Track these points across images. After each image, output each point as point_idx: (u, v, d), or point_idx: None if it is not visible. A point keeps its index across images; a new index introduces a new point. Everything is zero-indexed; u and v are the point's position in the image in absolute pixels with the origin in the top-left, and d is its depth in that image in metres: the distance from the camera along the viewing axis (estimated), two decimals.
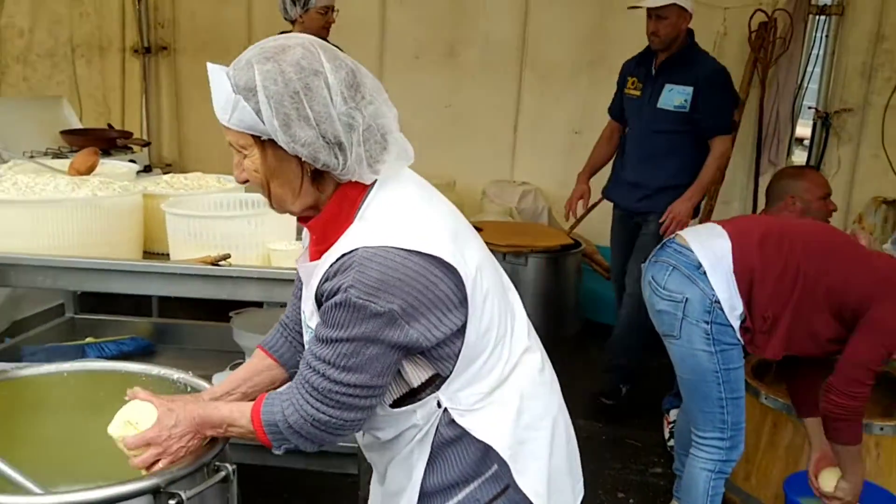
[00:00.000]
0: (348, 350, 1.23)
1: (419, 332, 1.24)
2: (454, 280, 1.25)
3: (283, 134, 1.19)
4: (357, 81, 1.25)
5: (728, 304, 2.25)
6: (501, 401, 1.36)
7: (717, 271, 2.26)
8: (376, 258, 1.20)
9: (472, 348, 1.31)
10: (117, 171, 2.81)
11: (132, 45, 5.52)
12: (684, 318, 2.29)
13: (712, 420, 2.36)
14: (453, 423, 1.33)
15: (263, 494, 2.76)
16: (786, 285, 2.23)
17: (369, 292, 1.19)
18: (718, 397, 2.32)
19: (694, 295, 2.28)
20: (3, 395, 1.69)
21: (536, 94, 5.45)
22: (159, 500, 1.32)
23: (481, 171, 5.44)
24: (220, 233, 2.22)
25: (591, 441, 3.44)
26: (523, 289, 4.30)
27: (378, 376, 1.26)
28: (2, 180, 2.35)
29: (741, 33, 4.92)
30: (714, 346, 2.28)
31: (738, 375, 2.34)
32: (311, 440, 1.31)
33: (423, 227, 1.27)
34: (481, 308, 1.30)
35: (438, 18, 5.46)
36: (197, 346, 2.87)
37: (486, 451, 1.35)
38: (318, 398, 1.27)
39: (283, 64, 1.20)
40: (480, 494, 1.36)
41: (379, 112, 1.27)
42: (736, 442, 2.38)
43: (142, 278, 2.14)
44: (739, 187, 5.13)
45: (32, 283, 2.17)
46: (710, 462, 2.39)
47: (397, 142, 1.31)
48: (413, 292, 1.21)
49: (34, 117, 4.14)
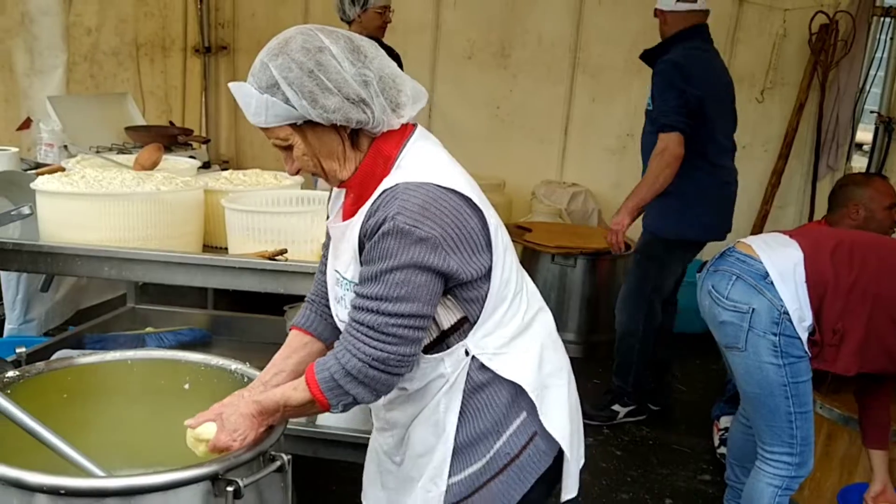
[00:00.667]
0: (400, 278, 1.31)
1: (457, 262, 1.34)
2: (481, 222, 1.38)
3: (314, 108, 1.32)
4: (356, 45, 1.37)
5: (797, 315, 2.19)
6: (524, 347, 1.47)
7: (787, 281, 2.20)
8: (419, 189, 1.33)
9: (497, 294, 1.41)
10: (179, 166, 2.89)
11: (193, 44, 5.65)
12: (750, 330, 2.22)
13: (780, 435, 2.29)
14: (483, 367, 1.43)
15: (313, 486, 2.82)
16: (857, 299, 2.17)
17: (416, 218, 1.30)
18: (787, 411, 2.25)
19: (761, 305, 2.21)
20: (70, 381, 1.76)
21: (588, 96, 5.42)
22: (217, 486, 1.36)
23: (531, 172, 5.44)
24: (277, 228, 2.28)
25: (638, 445, 3.42)
26: (571, 290, 4.37)
27: (428, 304, 1.34)
28: (71, 174, 2.44)
29: (801, 35, 4.82)
30: (782, 359, 2.21)
31: (806, 389, 2.27)
32: (370, 385, 1.34)
33: (453, 173, 1.39)
34: (503, 257, 1.42)
35: (491, 19, 5.48)
36: (251, 338, 2.93)
37: (515, 394, 1.45)
38: (373, 336, 1.33)
39: (291, 53, 1.32)
40: (510, 447, 1.45)
41: (383, 64, 1.38)
42: (805, 458, 2.31)
43: (202, 271, 2.21)
44: (796, 192, 5.02)
45: (98, 273, 2.25)
46: (778, 478, 2.32)
47: (408, 83, 1.41)
48: (452, 224, 1.33)
49: (100, 114, 4.27)
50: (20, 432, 1.50)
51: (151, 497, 1.32)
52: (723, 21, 5.02)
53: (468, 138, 5.50)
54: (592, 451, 3.34)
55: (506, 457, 1.45)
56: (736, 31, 5.00)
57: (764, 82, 4.98)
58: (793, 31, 4.86)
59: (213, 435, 1.42)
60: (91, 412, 1.76)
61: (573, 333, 4.39)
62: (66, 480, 1.31)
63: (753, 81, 5.02)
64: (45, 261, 2.26)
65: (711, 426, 3.46)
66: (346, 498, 2.75)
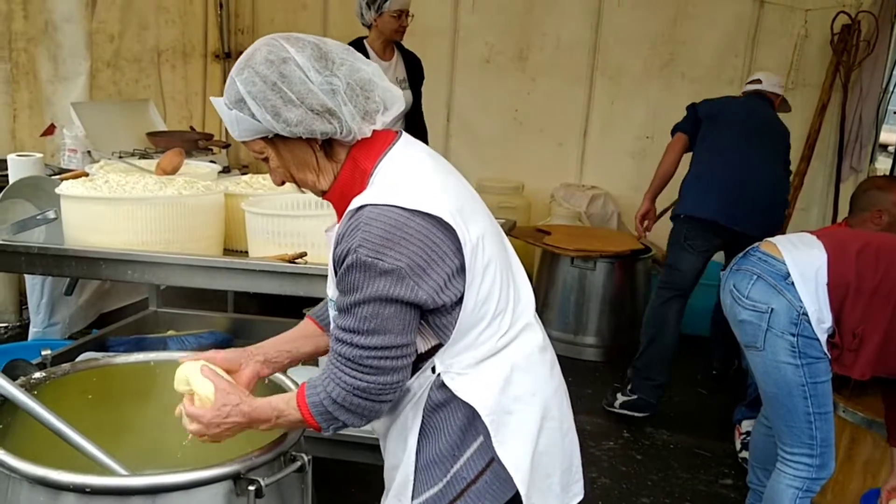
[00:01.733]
0: (368, 312, 1.29)
1: (427, 292, 1.29)
2: (454, 243, 1.31)
3: (277, 122, 1.31)
4: (323, 52, 1.34)
5: (816, 317, 2.19)
6: (490, 368, 1.40)
7: (807, 282, 2.20)
8: (381, 217, 1.28)
9: (469, 316, 1.36)
10: (200, 171, 2.91)
11: (214, 50, 5.71)
12: (769, 330, 2.23)
13: (800, 436, 2.27)
14: (443, 386, 1.38)
15: (331, 488, 2.83)
16: (879, 303, 2.16)
17: (377, 249, 1.26)
18: (806, 412, 2.24)
19: (780, 306, 2.22)
20: (94, 382, 1.79)
21: (607, 99, 5.40)
22: (239, 485, 1.38)
23: (550, 174, 5.43)
24: (297, 231, 2.28)
25: (659, 450, 3.40)
26: (591, 293, 4.35)
27: (401, 334, 1.31)
28: (94, 179, 2.47)
29: (823, 35, 4.78)
30: (800, 359, 2.21)
31: (825, 390, 2.25)
32: (357, 412, 1.33)
33: (426, 189, 1.33)
34: (481, 277, 1.36)
35: (510, 22, 5.48)
36: None
37: (471, 417, 1.38)
38: (352, 367, 1.31)
39: (255, 66, 1.31)
40: (467, 472, 1.39)
41: (353, 69, 1.34)
42: (826, 460, 2.29)
43: (224, 274, 2.22)
44: (819, 193, 4.98)
45: (121, 276, 2.27)
46: (798, 480, 2.30)
47: (381, 87, 1.37)
48: (418, 251, 1.28)
49: (122, 119, 4.33)
50: (46, 432, 1.53)
51: (175, 495, 1.34)
52: (743, 22, 5.00)
53: (487, 142, 5.51)
54: (613, 455, 3.33)
55: (463, 481, 1.39)
56: (757, 33, 4.97)
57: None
58: (814, 31, 4.82)
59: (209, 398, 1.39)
60: (115, 413, 1.79)
61: (593, 337, 4.38)
62: (92, 479, 1.33)
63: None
64: (70, 264, 2.29)
65: (733, 430, 3.43)
66: (363, 500, 2.76)
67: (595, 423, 3.57)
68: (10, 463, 1.35)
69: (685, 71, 5.16)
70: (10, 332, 4.09)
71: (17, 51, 4.07)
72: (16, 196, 2.54)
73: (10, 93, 4.06)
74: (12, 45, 4.03)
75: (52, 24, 4.21)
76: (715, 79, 5.07)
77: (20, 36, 4.07)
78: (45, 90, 4.24)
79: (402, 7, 3.69)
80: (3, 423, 1.55)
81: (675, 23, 5.14)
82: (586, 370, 4.11)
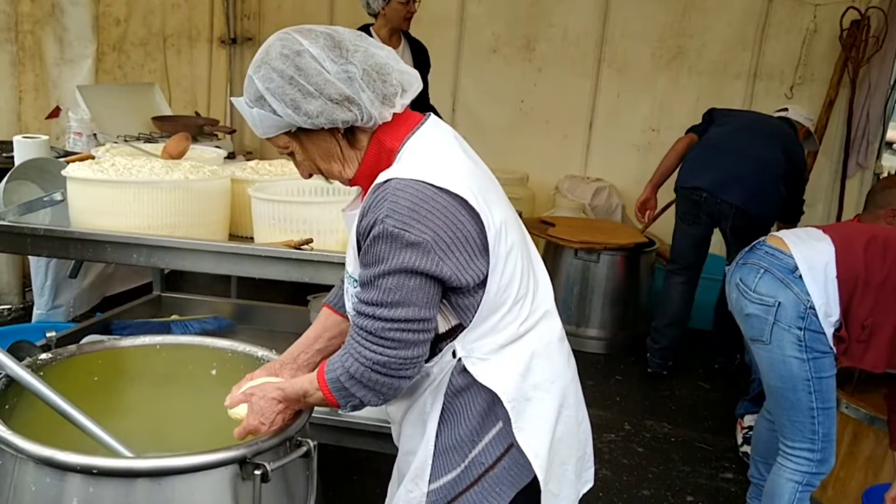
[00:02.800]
0: (392, 284, 1.28)
1: (451, 268, 1.29)
2: (478, 225, 1.32)
3: (298, 115, 1.31)
4: (336, 41, 1.34)
5: (823, 311, 2.19)
6: (512, 354, 1.41)
7: (815, 276, 2.20)
8: (408, 189, 1.28)
9: (492, 301, 1.36)
10: (206, 156, 2.90)
11: (219, 35, 5.69)
12: (776, 324, 2.22)
13: (802, 430, 2.28)
14: (464, 371, 1.39)
15: (335, 475, 2.84)
16: (888, 294, 2.16)
17: (404, 220, 1.26)
18: (809, 406, 2.25)
19: (788, 299, 2.21)
20: (100, 364, 1.79)
21: (613, 91, 5.38)
22: (245, 469, 1.38)
23: (555, 166, 5.42)
24: (303, 218, 2.28)
25: (660, 443, 3.41)
26: (595, 286, 4.34)
27: (425, 307, 1.30)
28: (101, 162, 2.46)
29: (832, 31, 4.76)
30: (806, 353, 2.21)
31: (829, 385, 2.26)
32: (374, 388, 1.33)
33: (452, 169, 1.34)
34: (504, 262, 1.36)
35: (517, 13, 5.46)
36: (275, 327, 2.95)
37: (492, 403, 1.39)
38: (373, 340, 1.31)
39: (272, 62, 1.32)
40: (485, 457, 1.40)
41: (368, 54, 1.34)
42: (827, 455, 2.30)
43: (230, 259, 2.22)
44: (825, 190, 4.97)
45: (127, 259, 2.27)
46: (798, 474, 2.31)
47: (398, 71, 1.37)
48: (443, 227, 1.28)
49: (128, 103, 4.32)
50: (51, 413, 1.53)
51: (181, 478, 1.34)
52: (752, 16, 4.98)
53: (492, 132, 5.49)
54: (614, 447, 3.33)
55: (481, 466, 1.40)
56: (766, 27, 4.95)
57: (793, 78, 4.93)
58: (823, 26, 4.80)
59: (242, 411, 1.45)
60: (120, 395, 1.79)
61: (596, 329, 4.38)
62: (99, 460, 1.33)
63: (783, 78, 4.97)
64: (76, 247, 2.29)
65: (735, 424, 3.44)
66: (366, 487, 2.77)
67: (597, 416, 3.56)
68: (17, 443, 1.35)
69: (692, 64, 5.15)
70: (14, 314, 4.09)
71: (24, 33, 4.06)
72: (22, 178, 2.54)
73: (16, 75, 4.05)
74: (18, 28, 4.02)
75: (59, 7, 4.20)
76: (722, 72, 5.05)
77: (26, 18, 4.06)
78: (50, 73, 4.23)
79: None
80: (8, 404, 1.55)
81: (684, 16, 5.11)
82: (589, 362, 4.10)
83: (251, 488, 1.37)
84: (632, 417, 3.61)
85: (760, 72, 5.02)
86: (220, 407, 1.54)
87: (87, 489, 1.31)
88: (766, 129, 3.79)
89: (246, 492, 1.38)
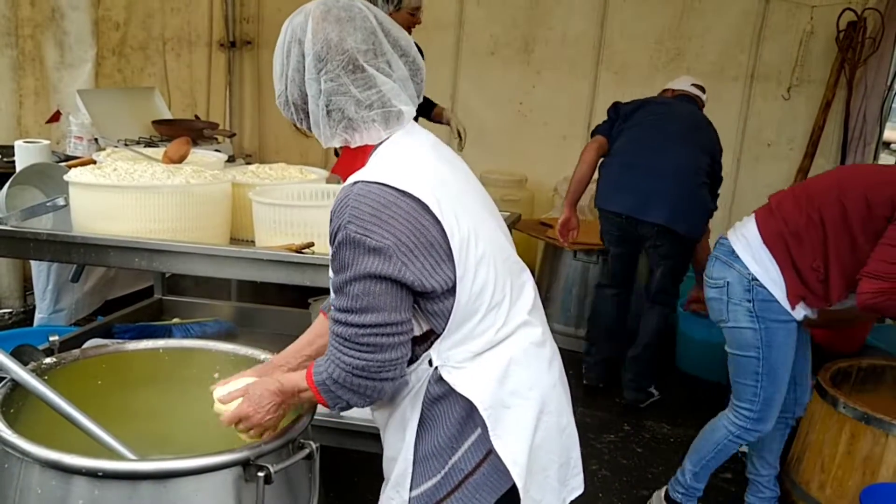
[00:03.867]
0: (359, 290, 1.30)
1: (414, 273, 1.30)
2: (440, 231, 1.32)
3: (276, 83, 1.40)
4: (327, 57, 1.35)
5: (767, 278, 2.36)
6: (488, 362, 1.41)
7: (746, 248, 2.41)
8: (370, 195, 1.29)
9: (464, 308, 1.37)
10: (206, 160, 2.92)
11: (219, 39, 5.71)
12: (729, 301, 2.44)
13: (745, 392, 2.50)
14: (441, 379, 1.39)
15: (335, 476, 2.85)
16: (816, 233, 2.32)
17: (365, 226, 1.28)
18: (755, 371, 2.44)
19: (733, 277, 2.43)
20: (104, 368, 1.80)
21: (611, 93, 5.38)
22: (249, 471, 1.40)
23: (553, 167, 5.43)
24: (304, 221, 2.29)
25: (659, 443, 3.42)
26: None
27: (394, 311, 1.31)
28: (102, 166, 2.48)
29: (828, 32, 4.78)
30: (758, 323, 2.40)
31: (779, 355, 2.42)
32: (358, 391, 1.35)
33: (418, 174, 1.35)
34: (474, 269, 1.36)
35: (515, 15, 5.48)
36: (276, 330, 2.97)
37: (469, 410, 1.39)
38: (349, 346, 1.33)
39: (289, 25, 1.40)
40: (465, 464, 1.40)
41: (339, 90, 1.35)
42: (764, 416, 2.50)
43: (231, 263, 2.23)
44: None
45: (129, 263, 2.28)
46: (734, 426, 2.56)
47: (362, 118, 1.38)
48: (405, 231, 1.29)
49: (128, 107, 4.34)
50: (56, 417, 1.55)
51: (185, 481, 1.36)
52: (749, 18, 5.00)
53: (491, 134, 5.51)
54: (613, 448, 3.35)
55: (460, 473, 1.40)
56: (762, 29, 4.97)
57: (790, 80, 4.95)
58: (820, 28, 4.82)
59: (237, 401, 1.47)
60: (124, 399, 1.81)
61: None
62: (104, 463, 1.35)
63: (780, 79, 4.99)
64: (79, 251, 2.31)
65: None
66: (367, 489, 2.78)
67: (595, 416, 3.60)
68: (23, 446, 1.36)
69: (690, 66, 5.16)
70: (15, 318, 4.11)
71: (24, 37, 4.08)
72: (24, 183, 2.56)
73: (17, 79, 4.07)
74: (19, 32, 4.04)
75: (59, 11, 4.22)
76: (720, 74, 5.07)
77: (27, 22, 4.08)
78: (51, 77, 4.25)
79: (419, 4, 3.76)
80: (14, 408, 1.57)
81: (681, 18, 5.14)
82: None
83: (254, 490, 1.38)
84: (631, 418, 3.62)
85: (758, 73, 5.05)
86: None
87: (93, 492, 1.33)
88: (679, 126, 3.54)
89: (249, 494, 1.39)
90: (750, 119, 5.10)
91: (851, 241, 2.28)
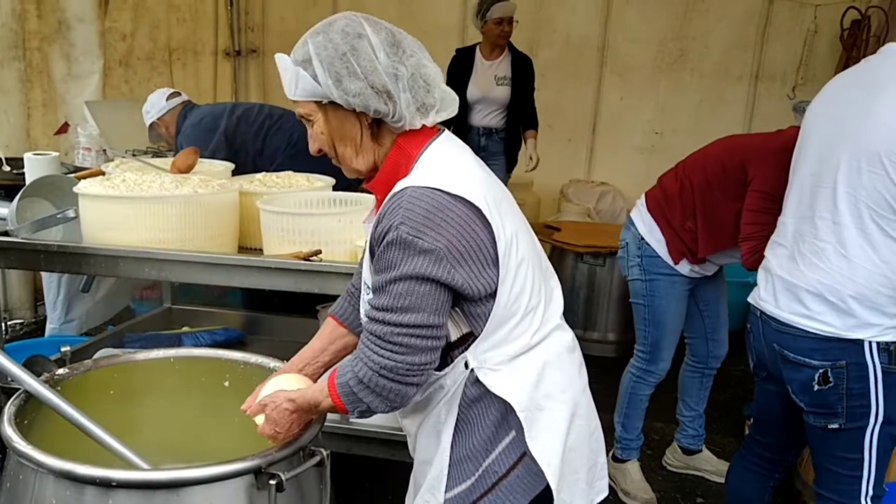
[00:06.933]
0: (403, 289, 1.30)
1: (463, 277, 1.31)
2: (490, 235, 1.34)
3: (337, 89, 1.35)
4: (397, 40, 1.38)
5: (653, 239, 2.74)
6: (524, 364, 1.43)
7: (639, 216, 2.82)
8: (424, 197, 1.30)
9: (503, 311, 1.38)
10: (214, 169, 2.94)
11: (224, 48, 5.75)
12: (628, 259, 2.84)
13: (639, 336, 2.93)
14: (477, 381, 1.40)
15: (346, 483, 2.86)
16: (687, 198, 2.67)
17: (418, 228, 1.28)
18: (644, 318, 2.86)
19: (629, 237, 2.85)
20: (116, 378, 1.82)
21: (616, 95, 5.41)
22: (260, 479, 1.40)
23: (559, 171, 5.45)
24: (312, 229, 2.31)
25: (668, 444, 3.42)
26: (601, 289, 4.36)
27: (435, 314, 1.32)
28: (111, 177, 2.50)
29: (832, 31, 4.78)
30: (645, 275, 2.80)
31: (663, 305, 2.80)
32: (382, 394, 1.34)
33: (468, 178, 1.37)
34: (514, 272, 1.38)
35: (519, 19, 5.47)
36: (285, 338, 2.98)
37: (505, 412, 1.41)
38: (381, 345, 1.33)
39: (331, 34, 1.36)
40: (499, 466, 1.41)
41: (420, 63, 1.39)
42: (655, 359, 2.90)
43: (240, 272, 2.25)
44: None
45: (139, 274, 2.30)
46: (634, 367, 2.98)
47: (441, 88, 1.41)
48: (457, 235, 1.30)
49: (135, 118, 4.32)
50: (69, 427, 1.57)
51: (197, 489, 1.37)
52: (753, 17, 5.00)
53: None
54: None
55: (494, 475, 1.41)
56: (766, 28, 4.98)
57: (795, 79, 4.95)
58: (824, 26, 4.82)
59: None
60: (136, 408, 1.83)
61: (602, 333, 4.39)
62: (117, 473, 1.36)
63: (785, 78, 4.99)
64: (89, 262, 2.33)
65: (743, 425, 3.45)
66: (377, 495, 2.79)
67: (604, 419, 3.49)
68: (37, 457, 1.38)
69: (694, 67, 5.18)
70: (26, 329, 4.14)
71: (31, 50, 4.11)
72: (34, 195, 2.58)
73: (24, 91, 4.10)
74: (26, 45, 4.07)
75: (66, 24, 4.25)
76: (724, 74, 5.08)
77: (34, 35, 4.11)
78: (58, 89, 4.29)
79: (503, 15, 4.29)
80: (27, 419, 1.58)
81: (685, 19, 5.15)
82: (595, 366, 4.03)
83: (266, 498, 1.39)
84: None
85: (762, 73, 5.05)
86: (234, 418, 1.57)
87: (107, 501, 1.34)
88: None
89: (261, 501, 1.40)
90: (755, 119, 5.10)
91: (714, 203, 2.60)
